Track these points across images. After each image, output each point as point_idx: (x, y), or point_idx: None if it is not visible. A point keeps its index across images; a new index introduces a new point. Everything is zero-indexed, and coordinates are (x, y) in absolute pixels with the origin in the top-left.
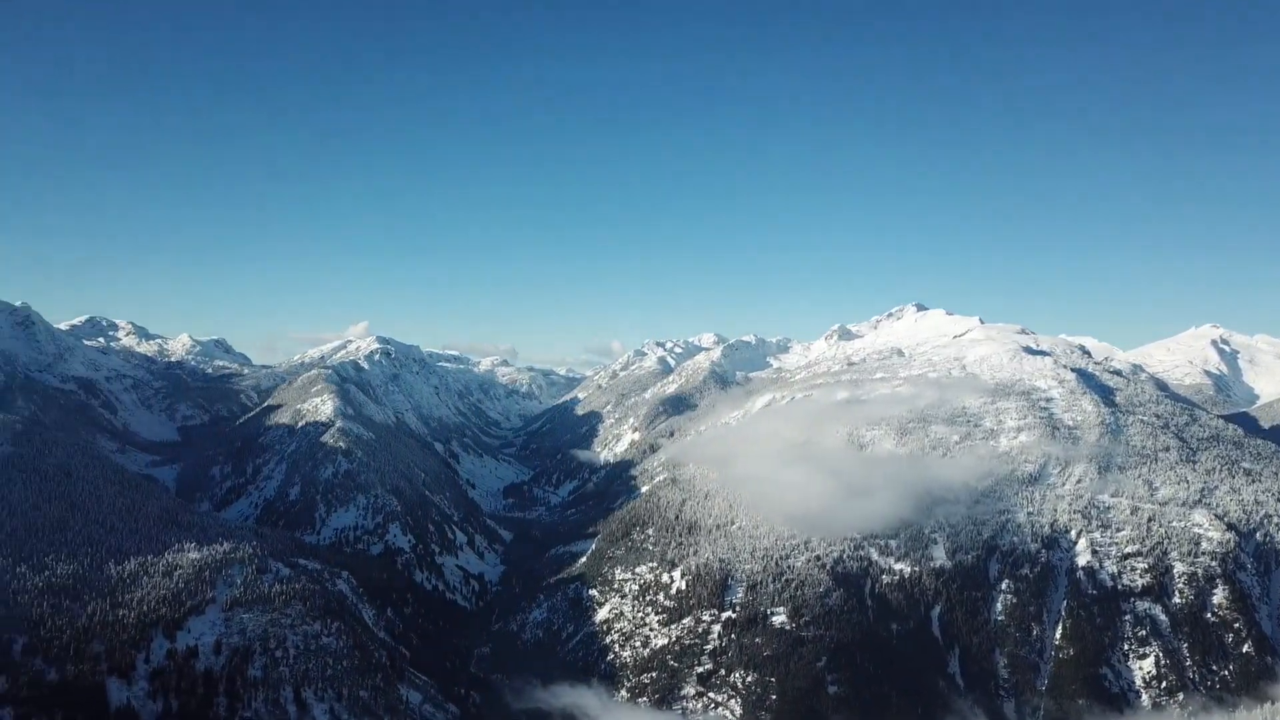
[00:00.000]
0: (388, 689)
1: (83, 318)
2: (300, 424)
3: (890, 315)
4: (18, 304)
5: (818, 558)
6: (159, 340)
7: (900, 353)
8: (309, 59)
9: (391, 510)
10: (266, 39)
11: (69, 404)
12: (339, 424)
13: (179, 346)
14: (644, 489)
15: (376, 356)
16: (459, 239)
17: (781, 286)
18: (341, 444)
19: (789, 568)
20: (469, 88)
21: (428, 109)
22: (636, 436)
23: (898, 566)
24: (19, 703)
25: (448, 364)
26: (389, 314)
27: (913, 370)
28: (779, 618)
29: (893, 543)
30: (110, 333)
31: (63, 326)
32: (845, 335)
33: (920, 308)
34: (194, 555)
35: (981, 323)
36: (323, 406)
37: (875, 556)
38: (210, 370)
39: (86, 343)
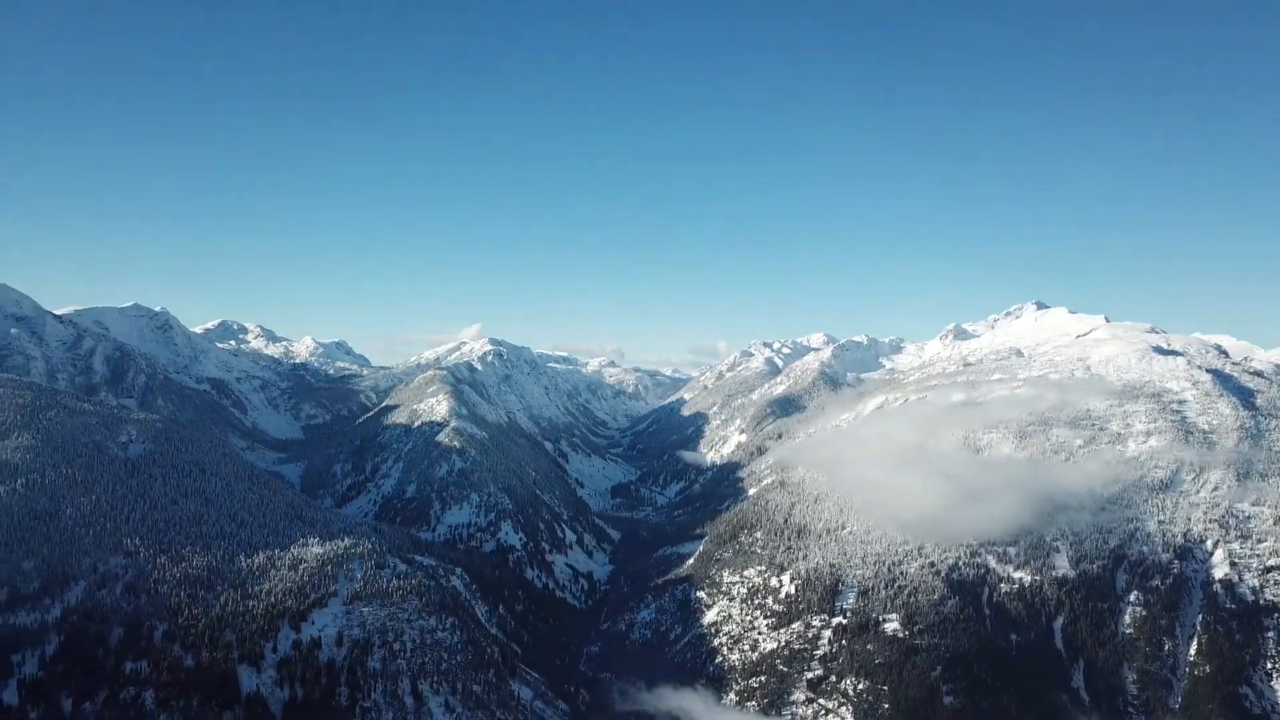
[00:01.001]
0: (500, 684)
1: (215, 321)
2: (417, 423)
3: (1008, 314)
4: (157, 309)
5: (932, 564)
6: (285, 342)
7: (1019, 353)
8: (436, 66)
9: (503, 508)
10: (394, 46)
11: (203, 403)
12: (453, 424)
13: (303, 348)
14: (751, 491)
15: (489, 358)
16: (569, 241)
17: (895, 285)
18: (456, 443)
19: (902, 574)
20: (586, 93)
21: (543, 120)
22: (743, 438)
23: (1017, 575)
24: (159, 686)
25: (556, 365)
26: (501, 316)
27: (1033, 371)
28: (891, 625)
29: (1011, 550)
30: (240, 336)
31: (197, 330)
32: (961, 335)
33: (1040, 306)
34: (317, 550)
35: (1107, 321)
36: (438, 407)
37: (993, 564)
38: (332, 371)
39: (219, 345)
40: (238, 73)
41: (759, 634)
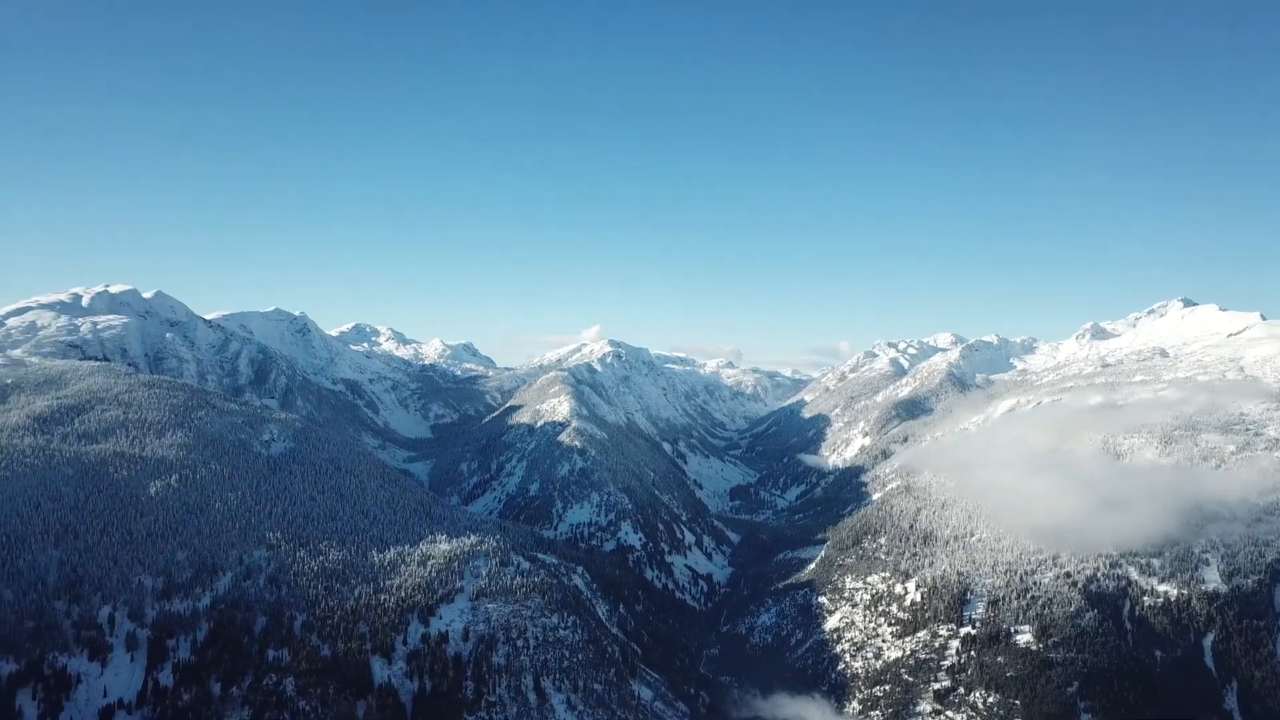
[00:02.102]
0: (620, 684)
1: (350, 324)
2: (539, 423)
3: (1151, 312)
4: (297, 313)
5: (1067, 574)
6: (415, 345)
7: (1163, 353)
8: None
9: (623, 508)
10: (524, 56)
11: (338, 403)
12: (574, 424)
13: (432, 350)
14: (875, 496)
15: (608, 359)
16: (687, 241)
17: (1027, 282)
18: (577, 443)
19: (1035, 584)
20: (711, 94)
21: (663, 122)
22: (867, 441)
23: (1161, 588)
24: (299, 674)
25: (674, 366)
26: (620, 317)
27: (1179, 372)
28: (1024, 636)
29: (1155, 562)
30: (373, 338)
31: (333, 333)
32: (1099, 334)
33: (1187, 303)
34: (445, 547)
35: (1263, 319)
36: (559, 407)
37: (1135, 576)
38: (459, 372)
39: (353, 348)
40: (381, 85)
41: (883, 642)
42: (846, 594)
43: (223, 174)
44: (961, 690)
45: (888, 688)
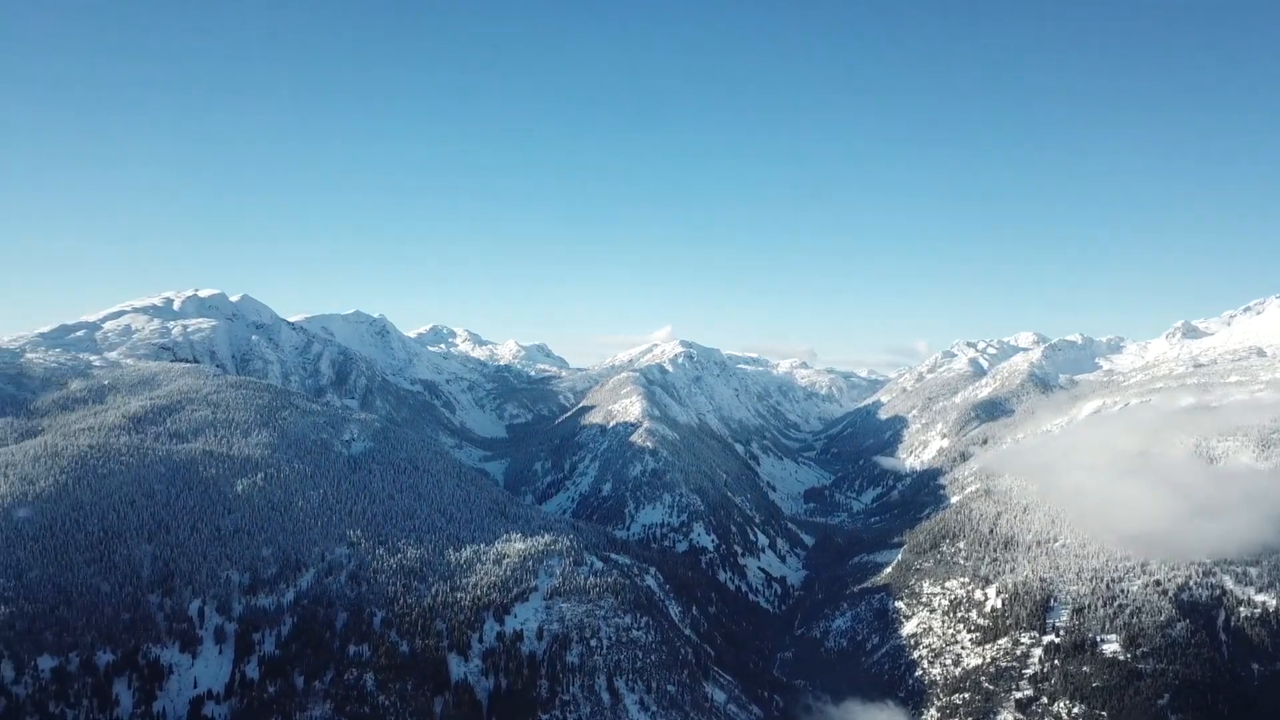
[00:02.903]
0: (694, 685)
1: (427, 326)
2: (611, 424)
3: (1247, 310)
4: (376, 315)
5: (1157, 582)
6: (490, 346)
7: (1261, 352)
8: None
9: (695, 509)
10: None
11: (416, 403)
12: (646, 424)
13: (506, 351)
14: (954, 499)
15: (680, 359)
16: (760, 241)
17: (1113, 280)
18: (648, 444)
19: (1122, 592)
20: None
21: (739, 115)
22: (945, 443)
23: (1260, 598)
24: (378, 669)
25: (746, 366)
26: (691, 317)
27: (1277, 373)
28: (1110, 646)
29: (1253, 570)
30: (450, 340)
31: (411, 335)
32: (1191, 333)
33: None
34: (519, 545)
35: None
36: (631, 408)
37: (1230, 585)
38: (533, 373)
39: (430, 349)
40: (462, 89)
41: (962, 648)
42: (924, 599)
43: (308, 180)
44: (1045, 700)
45: (967, 695)
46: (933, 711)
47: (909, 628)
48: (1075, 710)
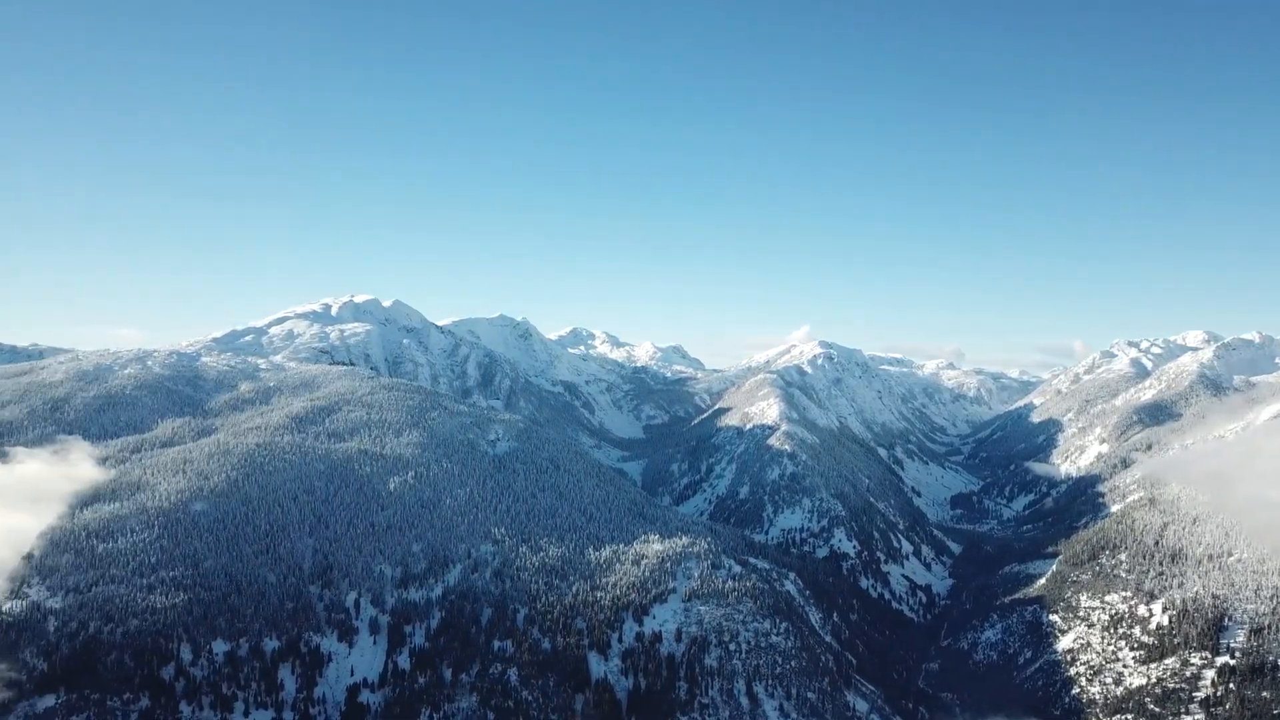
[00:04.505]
0: (835, 694)
1: (567, 329)
2: (748, 426)
3: None
4: (519, 318)
5: None
6: (627, 348)
7: None
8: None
9: (836, 514)
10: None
11: (556, 404)
12: (784, 427)
13: (643, 353)
14: (1114, 508)
15: (819, 360)
16: (902, 236)
17: None
18: (787, 447)
19: None
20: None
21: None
22: (1104, 449)
23: None
24: (521, 665)
25: (889, 367)
26: (830, 317)
27: None
28: None
29: None
30: (588, 342)
31: (552, 337)
32: None
33: None
34: (657, 547)
35: None
36: (768, 410)
37: None
38: (669, 374)
39: (570, 351)
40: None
41: (1124, 667)
42: (1081, 613)
43: (457, 187)
44: None
45: (1130, 717)
46: None
47: (1064, 642)
48: None
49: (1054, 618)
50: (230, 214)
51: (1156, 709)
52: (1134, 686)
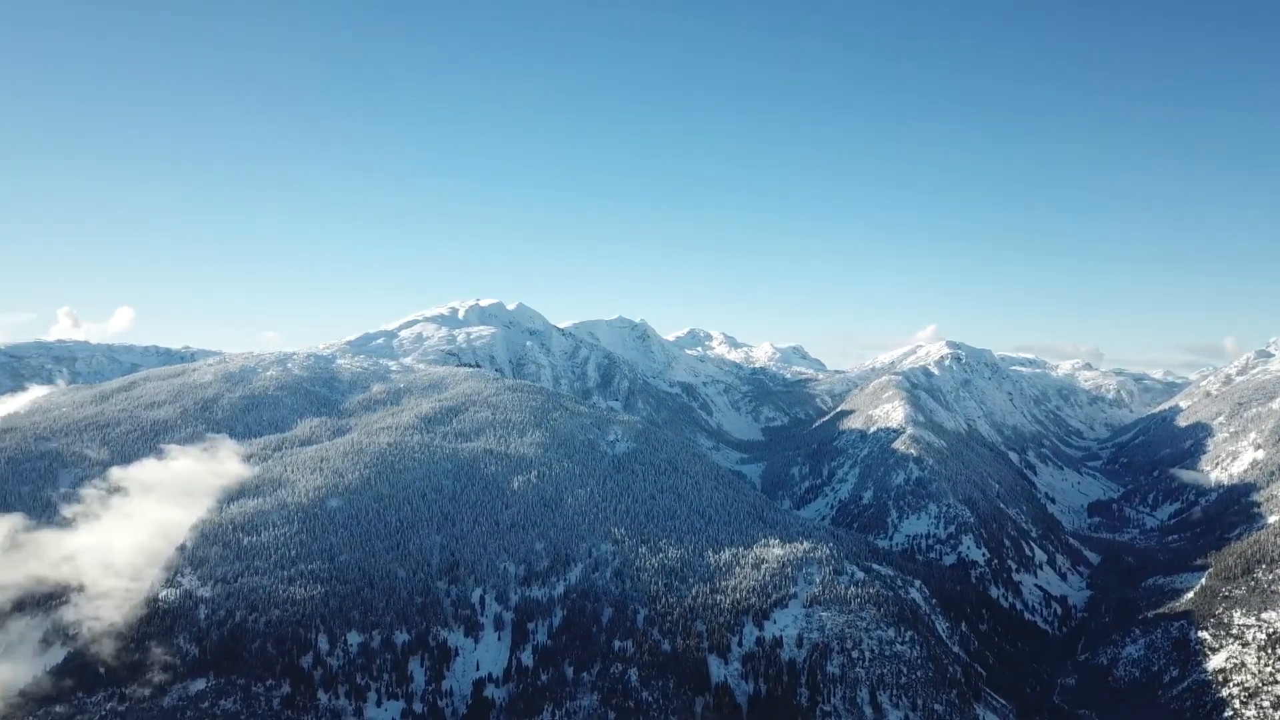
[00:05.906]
0: (963, 706)
1: (684, 330)
2: (871, 429)
3: None
4: (637, 320)
5: None
6: (745, 349)
7: None
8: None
9: (964, 521)
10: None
11: (674, 405)
12: (909, 431)
13: (761, 354)
14: (1271, 519)
15: (946, 362)
16: (1033, 229)
17: None
18: (912, 451)
19: None
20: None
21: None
22: (1260, 455)
23: None
24: (641, 665)
25: (1021, 368)
26: (958, 316)
27: None
28: None
29: None
30: (706, 343)
31: (669, 338)
32: None
33: None
34: (777, 551)
35: None
36: (893, 413)
37: None
38: (789, 375)
39: (688, 352)
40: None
41: None
42: (1235, 631)
43: (577, 192)
44: None
45: None
46: None
47: (1215, 662)
48: None
49: (1204, 635)
50: (365, 222)
51: None
52: None
